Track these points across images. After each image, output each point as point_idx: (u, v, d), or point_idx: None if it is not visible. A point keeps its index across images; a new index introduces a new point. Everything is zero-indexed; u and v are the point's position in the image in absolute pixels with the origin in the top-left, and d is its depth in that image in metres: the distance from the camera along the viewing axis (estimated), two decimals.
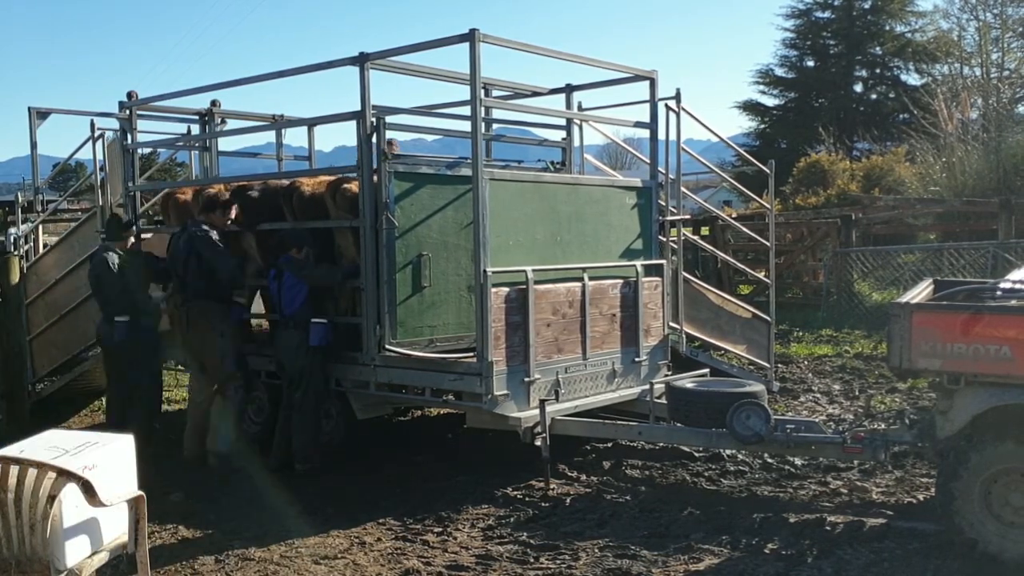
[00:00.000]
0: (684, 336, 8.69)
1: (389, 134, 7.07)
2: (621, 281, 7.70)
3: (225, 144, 10.22)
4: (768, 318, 9.30)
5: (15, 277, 9.23)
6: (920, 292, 5.99)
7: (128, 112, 8.94)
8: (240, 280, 7.70)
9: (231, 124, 10.08)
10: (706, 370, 8.25)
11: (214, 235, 7.43)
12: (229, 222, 7.66)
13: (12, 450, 4.27)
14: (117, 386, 8.15)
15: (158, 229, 9.06)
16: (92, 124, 9.21)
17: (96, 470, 4.20)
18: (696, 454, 7.34)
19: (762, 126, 33.17)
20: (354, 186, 7.20)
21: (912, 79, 31.42)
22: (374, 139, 6.92)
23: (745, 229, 11.31)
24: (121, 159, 8.96)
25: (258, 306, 8.49)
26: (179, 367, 9.19)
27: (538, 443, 6.62)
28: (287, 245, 7.35)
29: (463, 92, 7.78)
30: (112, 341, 7.70)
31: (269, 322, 7.76)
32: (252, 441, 7.75)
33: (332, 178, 7.48)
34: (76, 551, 4.13)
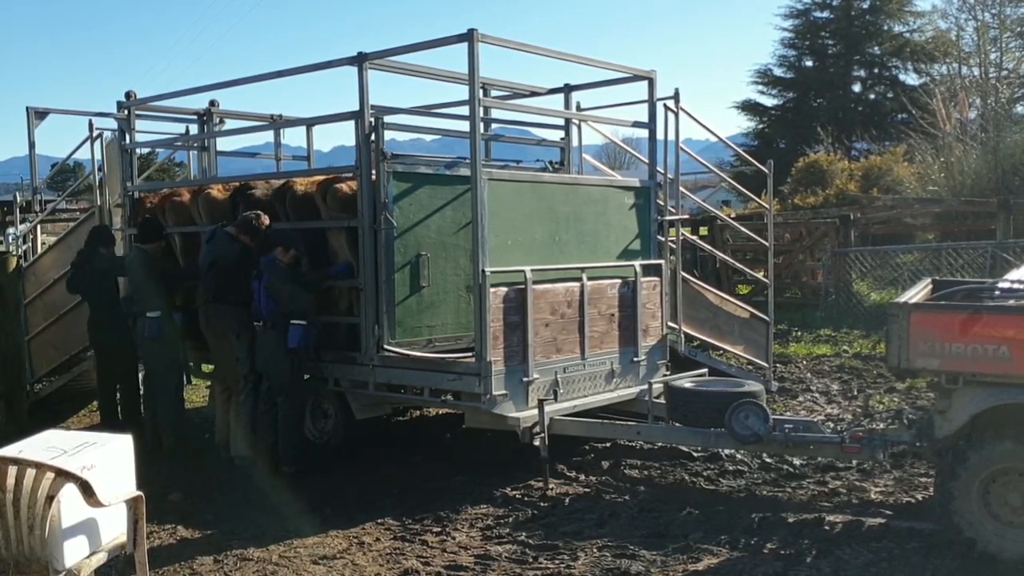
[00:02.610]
0: (683, 336, 8.69)
1: (387, 134, 7.07)
2: (620, 281, 7.70)
3: (223, 144, 10.22)
4: (766, 318, 9.30)
5: (13, 277, 9.22)
6: (918, 292, 5.99)
7: (126, 112, 8.95)
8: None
9: (229, 124, 10.07)
10: (705, 370, 8.25)
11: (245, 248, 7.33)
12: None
13: (11, 450, 4.27)
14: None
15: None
16: (90, 124, 9.21)
17: (95, 470, 4.19)
18: (695, 454, 7.34)
19: (761, 126, 33.15)
20: (345, 186, 7.19)
21: (910, 79, 31.44)
22: (372, 139, 6.93)
23: (744, 229, 11.31)
24: (119, 159, 8.95)
25: None
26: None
27: (537, 443, 6.62)
28: (272, 243, 7.16)
29: (462, 92, 7.78)
30: (143, 336, 7.83)
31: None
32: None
33: (322, 178, 7.46)
34: (74, 551, 4.13)
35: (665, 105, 8.48)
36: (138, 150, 9.27)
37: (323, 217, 7.36)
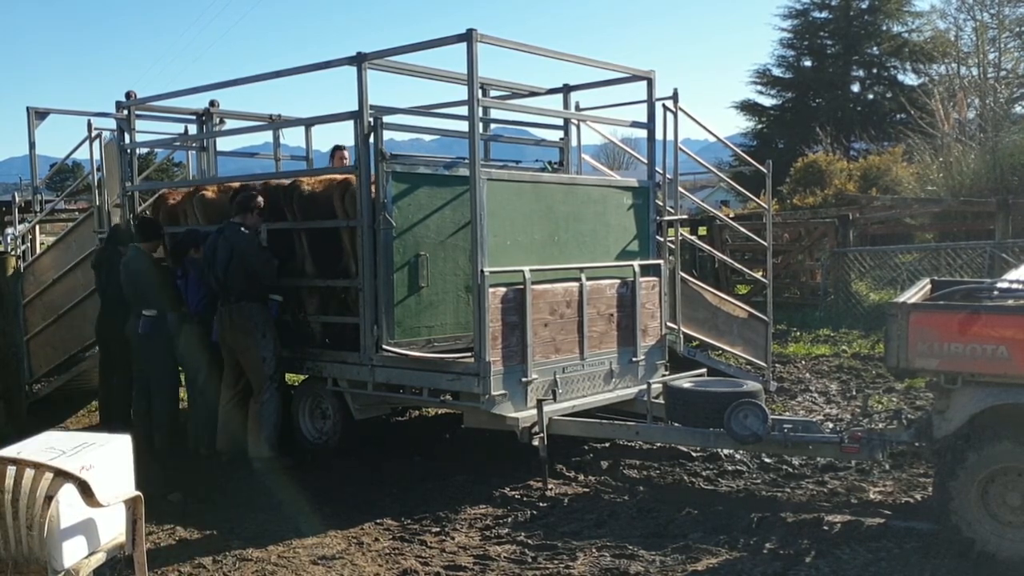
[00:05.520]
0: (682, 336, 8.70)
1: (386, 134, 7.07)
2: (619, 281, 7.71)
3: (223, 144, 10.22)
4: (765, 318, 9.31)
5: (12, 278, 9.22)
6: (917, 292, 5.99)
7: (126, 112, 8.94)
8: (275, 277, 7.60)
9: (229, 124, 10.07)
10: (703, 370, 8.25)
11: (258, 234, 7.52)
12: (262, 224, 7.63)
13: (9, 451, 4.26)
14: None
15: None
16: (89, 124, 9.21)
17: (93, 471, 4.19)
18: (694, 454, 7.34)
19: (759, 126, 33.21)
20: None
21: (909, 79, 31.52)
22: (371, 139, 6.92)
23: (742, 229, 11.32)
24: (118, 159, 8.95)
25: None
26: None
27: (536, 443, 6.62)
28: (187, 245, 7.81)
29: (461, 92, 7.77)
30: (137, 334, 7.85)
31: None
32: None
33: (341, 177, 7.43)
34: (73, 552, 4.12)
35: (664, 105, 8.48)
36: (137, 150, 9.26)
37: (339, 217, 7.33)
